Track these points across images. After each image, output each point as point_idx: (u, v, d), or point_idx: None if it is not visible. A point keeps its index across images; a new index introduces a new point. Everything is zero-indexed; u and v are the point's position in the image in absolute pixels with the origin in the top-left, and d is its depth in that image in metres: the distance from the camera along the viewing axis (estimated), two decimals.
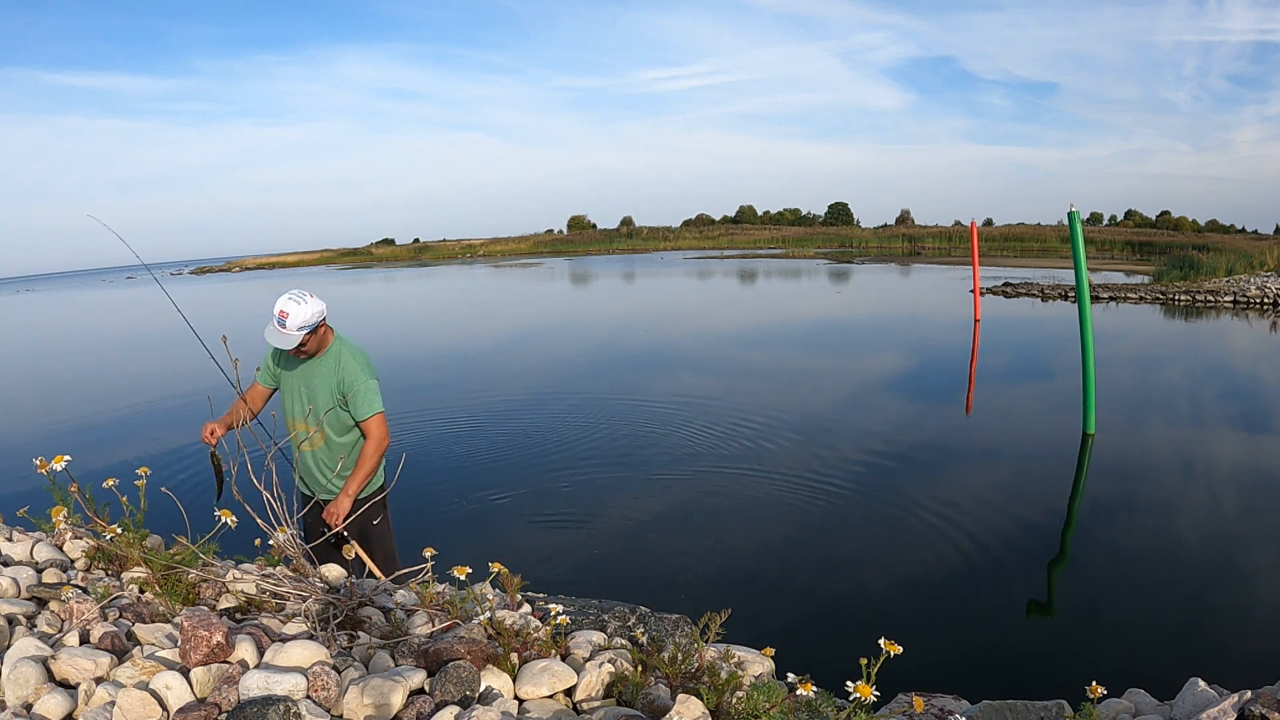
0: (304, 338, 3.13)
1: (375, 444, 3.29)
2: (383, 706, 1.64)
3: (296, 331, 3.10)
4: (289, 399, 3.36)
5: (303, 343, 3.15)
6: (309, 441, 3.32)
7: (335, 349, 3.31)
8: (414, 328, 18.64)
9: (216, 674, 1.69)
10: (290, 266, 67.34)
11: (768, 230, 73.98)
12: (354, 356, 3.30)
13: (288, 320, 3.08)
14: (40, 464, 2.32)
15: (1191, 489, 6.38)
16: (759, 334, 16.20)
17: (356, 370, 3.26)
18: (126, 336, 21.42)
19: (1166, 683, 2.73)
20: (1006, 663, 3.88)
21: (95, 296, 45.00)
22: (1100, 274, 28.40)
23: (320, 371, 3.29)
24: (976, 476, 6.66)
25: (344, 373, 3.26)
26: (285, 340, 3.10)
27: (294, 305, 3.09)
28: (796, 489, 6.43)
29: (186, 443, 8.18)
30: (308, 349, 3.22)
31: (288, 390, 3.36)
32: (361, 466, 3.27)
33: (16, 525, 2.71)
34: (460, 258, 68.05)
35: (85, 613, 1.97)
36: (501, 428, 8.60)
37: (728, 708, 1.74)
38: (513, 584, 2.36)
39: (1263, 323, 16.08)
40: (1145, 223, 66.83)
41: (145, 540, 2.47)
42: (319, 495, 3.39)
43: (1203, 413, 8.86)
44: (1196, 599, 4.47)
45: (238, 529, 2.23)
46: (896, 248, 53.92)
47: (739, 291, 28.37)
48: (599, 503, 6.23)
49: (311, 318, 3.12)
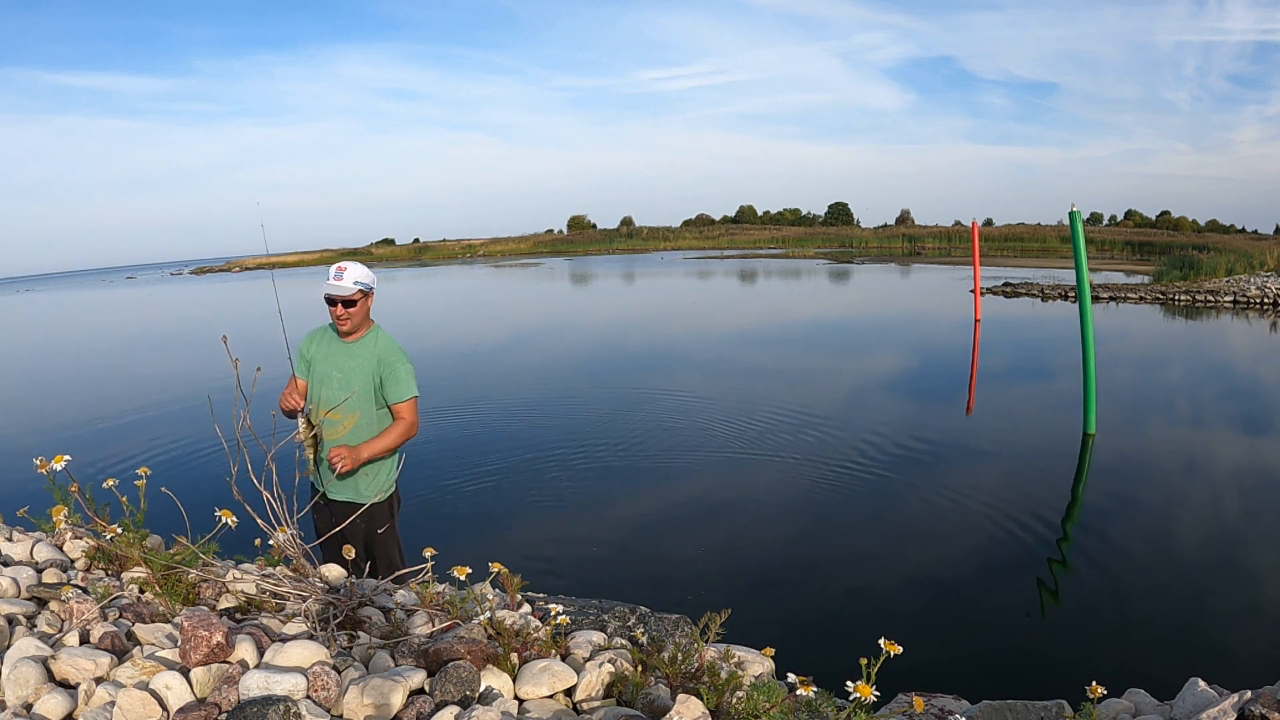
0: (356, 293, 3.26)
1: (405, 426, 3.35)
2: (383, 706, 1.64)
3: (353, 284, 3.25)
4: (319, 386, 3.36)
5: (353, 299, 3.26)
6: (338, 428, 3.32)
7: (373, 334, 3.40)
8: (414, 327, 18.66)
9: (216, 674, 1.69)
10: (290, 266, 67.32)
11: (768, 230, 73.99)
12: (391, 341, 3.41)
13: (345, 273, 3.27)
14: (40, 464, 2.32)
15: (1191, 489, 6.38)
16: (758, 334, 16.19)
17: (396, 352, 3.37)
18: (127, 337, 21.42)
19: (1166, 683, 2.73)
20: (1006, 663, 3.88)
21: (95, 297, 45.01)
22: (1100, 274, 28.40)
23: (358, 354, 3.35)
24: (977, 477, 6.65)
25: (382, 354, 3.35)
26: (340, 288, 3.24)
27: (351, 263, 3.32)
28: (796, 489, 6.44)
29: (186, 443, 8.19)
30: (354, 315, 3.30)
31: (319, 377, 3.37)
32: (384, 437, 3.29)
33: (16, 525, 2.71)
34: (460, 258, 68.06)
35: (85, 613, 1.97)
36: (501, 427, 8.60)
37: (728, 708, 1.74)
38: (513, 584, 2.36)
39: (1263, 323, 16.08)
40: (1145, 223, 66.86)
41: (145, 540, 2.47)
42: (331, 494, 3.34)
43: (1203, 413, 8.86)
44: (1196, 599, 4.47)
45: (238, 529, 2.23)
46: (896, 248, 53.92)
47: (739, 292, 28.37)
48: (599, 503, 6.23)
49: (365, 276, 3.32)
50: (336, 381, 3.33)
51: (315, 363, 3.40)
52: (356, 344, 3.37)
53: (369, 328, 3.42)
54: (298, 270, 57.99)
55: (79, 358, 16.93)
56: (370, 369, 3.33)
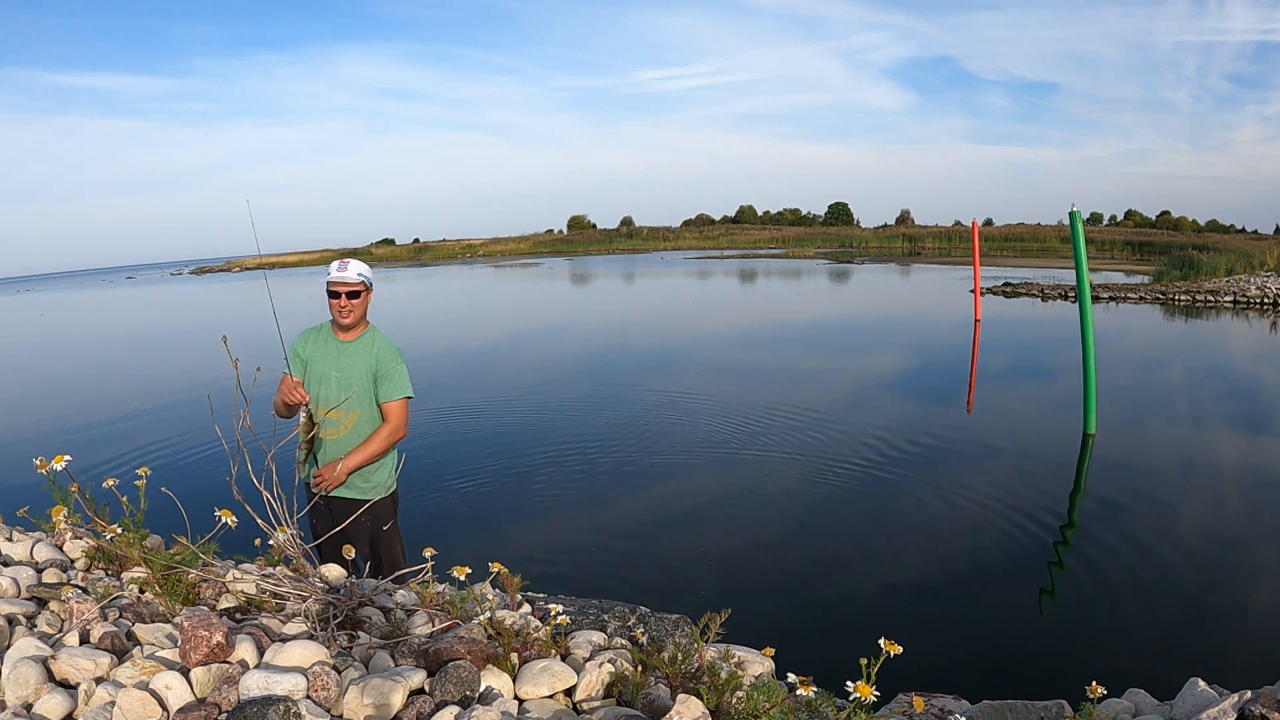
0: (360, 284, 3.31)
1: (392, 429, 3.35)
2: (383, 706, 1.64)
3: (356, 275, 3.30)
4: (317, 385, 3.36)
5: (357, 290, 3.31)
6: (339, 427, 3.32)
7: (370, 334, 3.42)
8: (414, 327, 18.66)
9: (216, 674, 1.68)
10: (290, 266, 67.30)
11: (768, 230, 74.01)
12: (389, 342, 3.44)
13: (349, 265, 3.33)
14: (40, 464, 2.32)
15: (1191, 489, 6.38)
16: (758, 334, 16.20)
17: (393, 352, 3.40)
18: (127, 337, 21.42)
19: (1166, 683, 2.73)
20: (1006, 663, 3.88)
21: (95, 297, 45.01)
22: (1100, 274, 28.40)
23: (356, 354, 3.36)
24: (977, 476, 6.65)
25: (379, 353, 3.37)
26: (346, 278, 3.28)
27: (353, 259, 3.39)
28: (796, 489, 6.44)
29: (186, 443, 8.19)
30: (357, 307, 3.33)
31: (315, 376, 3.37)
32: (370, 444, 3.29)
33: (16, 525, 2.71)
34: (460, 258, 68.05)
35: (85, 613, 1.97)
36: (501, 427, 8.60)
37: (728, 708, 1.74)
38: (513, 584, 2.36)
39: (1263, 323, 16.08)
40: (1145, 223, 66.87)
41: (145, 540, 2.47)
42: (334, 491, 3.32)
43: (1203, 413, 8.86)
44: (1196, 599, 4.47)
45: (238, 529, 2.23)
46: (896, 248, 53.93)
47: (739, 292, 28.37)
48: (599, 502, 6.23)
49: (368, 271, 3.39)
50: (335, 381, 3.33)
51: (312, 362, 3.39)
52: (354, 343, 3.37)
53: (365, 328, 3.43)
54: (298, 270, 57.98)
55: (79, 358, 16.93)
56: (369, 367, 3.34)
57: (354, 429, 3.33)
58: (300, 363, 3.46)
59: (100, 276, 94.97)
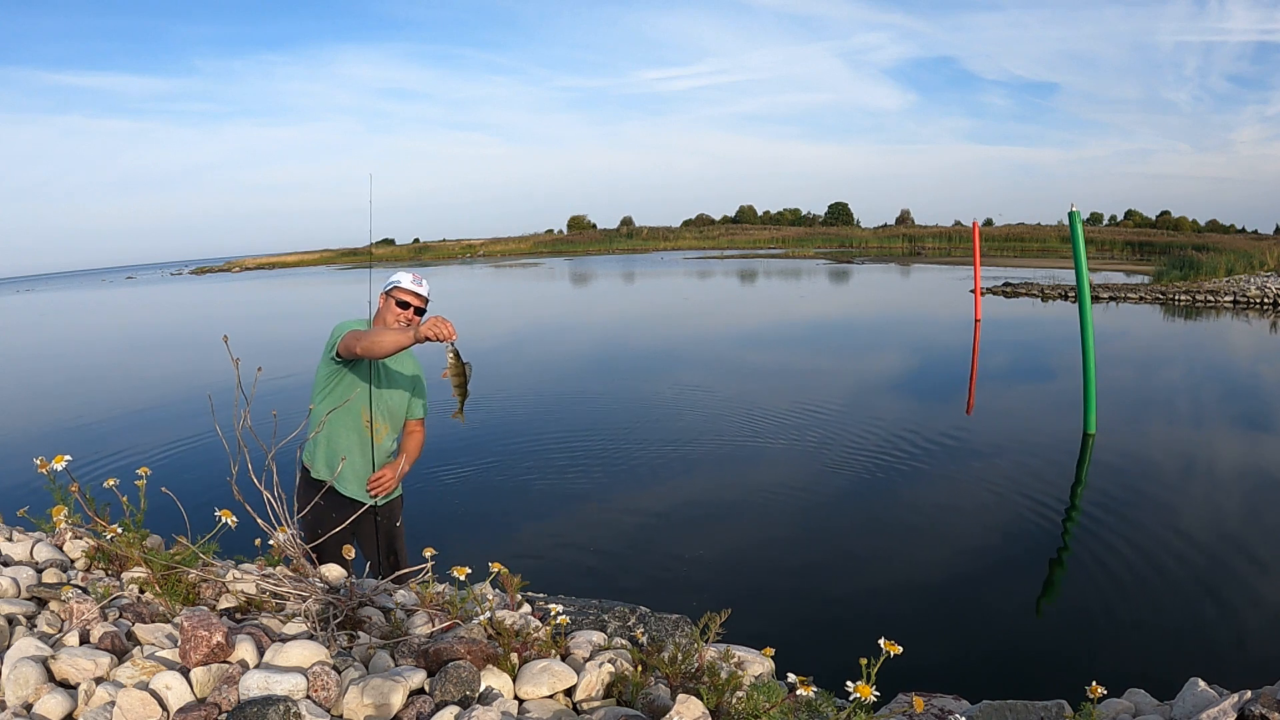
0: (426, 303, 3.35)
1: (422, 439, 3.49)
2: (383, 706, 1.64)
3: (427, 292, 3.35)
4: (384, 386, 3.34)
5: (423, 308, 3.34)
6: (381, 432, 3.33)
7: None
8: None
9: (216, 674, 1.69)
10: (290, 266, 67.31)
11: (768, 230, 74.04)
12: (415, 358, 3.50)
13: (425, 281, 3.38)
14: (40, 464, 2.32)
15: (1192, 489, 6.38)
16: (758, 334, 16.20)
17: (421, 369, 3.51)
18: (126, 337, 21.42)
19: (1166, 683, 2.72)
20: (1006, 663, 3.88)
21: (95, 297, 45.01)
22: (1100, 274, 28.40)
23: (406, 364, 3.42)
24: (977, 476, 6.65)
25: (418, 368, 3.47)
26: (422, 291, 3.32)
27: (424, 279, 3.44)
28: (796, 488, 6.44)
29: (187, 443, 8.18)
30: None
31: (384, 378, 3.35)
32: (412, 456, 3.40)
33: (16, 525, 2.71)
34: (460, 258, 68.05)
35: (85, 613, 1.97)
36: (500, 427, 8.60)
37: (728, 708, 1.74)
38: (513, 584, 2.36)
39: (1263, 323, 16.08)
40: (1145, 223, 66.89)
41: (145, 540, 2.47)
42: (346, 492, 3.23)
43: (1203, 413, 8.86)
44: (1196, 599, 4.47)
45: (238, 529, 2.23)
46: (896, 248, 53.95)
47: (740, 292, 28.37)
48: (599, 502, 6.23)
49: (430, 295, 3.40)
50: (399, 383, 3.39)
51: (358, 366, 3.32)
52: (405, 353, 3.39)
53: None
54: (298, 270, 57.95)
55: (79, 358, 16.93)
56: (413, 376, 3.44)
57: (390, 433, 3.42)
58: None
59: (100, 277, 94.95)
